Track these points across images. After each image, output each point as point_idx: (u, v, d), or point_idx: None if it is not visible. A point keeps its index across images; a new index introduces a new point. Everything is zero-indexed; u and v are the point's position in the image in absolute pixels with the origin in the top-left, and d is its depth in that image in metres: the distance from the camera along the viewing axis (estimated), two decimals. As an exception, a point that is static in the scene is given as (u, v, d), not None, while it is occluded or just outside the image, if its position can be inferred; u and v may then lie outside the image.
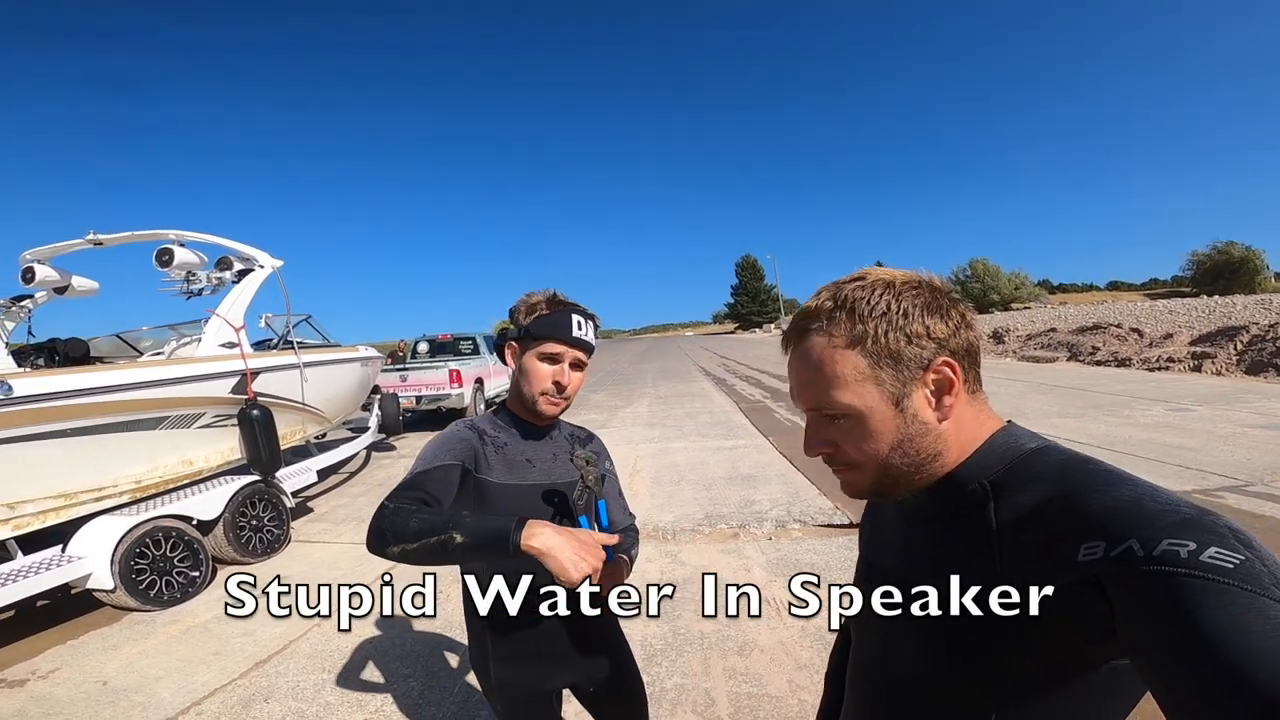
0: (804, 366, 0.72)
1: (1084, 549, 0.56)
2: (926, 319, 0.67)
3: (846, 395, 0.68)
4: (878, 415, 0.68)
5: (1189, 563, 0.49)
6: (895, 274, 0.71)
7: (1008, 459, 0.68)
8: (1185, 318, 24.07)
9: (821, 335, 0.70)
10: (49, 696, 2.99)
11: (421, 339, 13.70)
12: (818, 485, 5.67)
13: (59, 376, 3.63)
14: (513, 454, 1.41)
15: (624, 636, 1.59)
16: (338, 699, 2.81)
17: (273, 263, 5.58)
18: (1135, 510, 0.55)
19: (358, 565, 4.51)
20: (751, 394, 13.10)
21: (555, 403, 1.40)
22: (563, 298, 1.44)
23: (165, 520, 4.06)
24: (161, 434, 4.23)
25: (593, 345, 1.43)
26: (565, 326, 1.37)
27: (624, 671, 1.55)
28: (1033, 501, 0.63)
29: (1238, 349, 11.61)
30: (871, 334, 0.67)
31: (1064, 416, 7.91)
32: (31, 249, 5.04)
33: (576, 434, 1.56)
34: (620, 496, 1.61)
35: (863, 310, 0.67)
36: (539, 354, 1.38)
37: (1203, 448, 5.86)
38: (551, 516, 1.37)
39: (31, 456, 3.46)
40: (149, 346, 5.61)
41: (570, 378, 1.40)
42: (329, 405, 6.30)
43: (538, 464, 1.43)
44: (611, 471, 1.58)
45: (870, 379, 0.67)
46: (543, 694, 1.46)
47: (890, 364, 0.67)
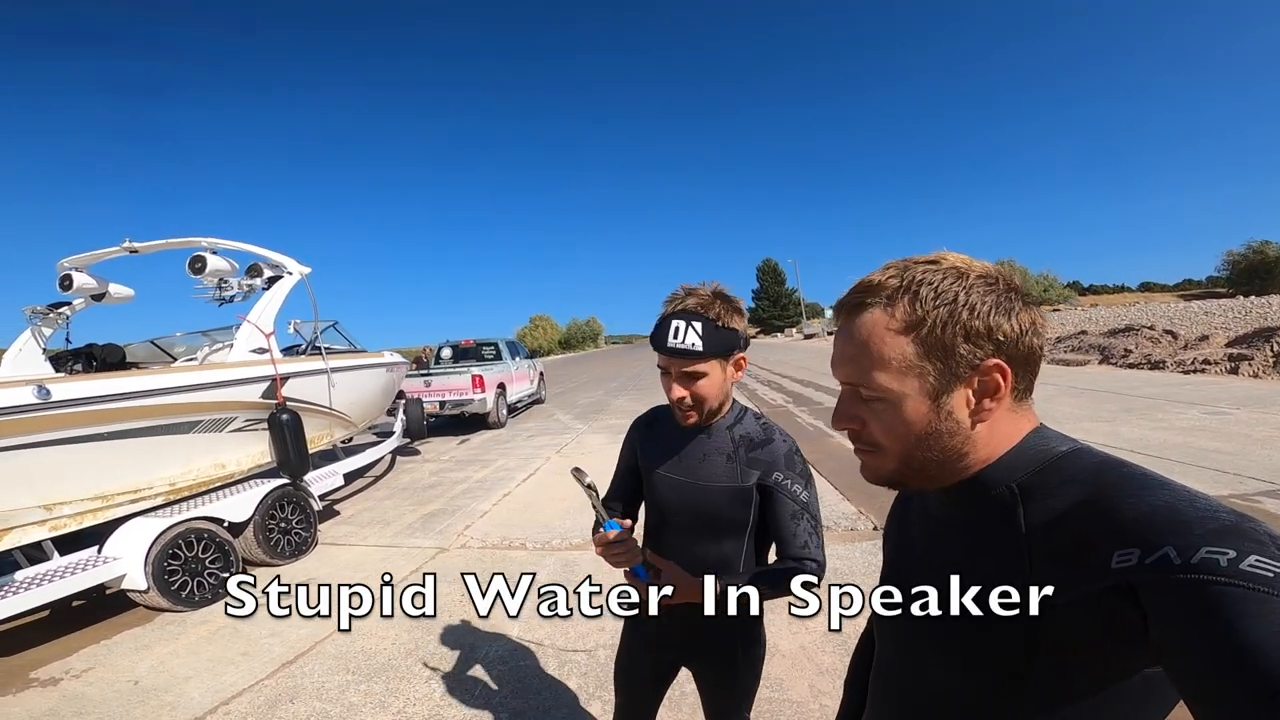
0: (851, 341, 0.70)
1: (1118, 556, 0.54)
2: (992, 318, 0.64)
3: (886, 379, 0.67)
4: (911, 405, 0.67)
5: (1228, 571, 0.48)
6: (973, 264, 0.67)
7: (1038, 462, 0.66)
8: (1221, 319, 23.41)
9: (879, 312, 0.67)
10: (81, 695, 3.06)
11: (445, 344, 13.84)
12: (841, 491, 5.61)
13: (96, 381, 3.73)
14: (670, 446, 1.49)
15: (739, 626, 1.49)
16: (361, 700, 2.85)
17: (301, 270, 5.70)
18: (1172, 516, 0.53)
19: (382, 567, 4.56)
20: (773, 399, 13.01)
21: (686, 415, 1.38)
22: (681, 295, 1.34)
23: (198, 522, 4.16)
24: (195, 437, 4.34)
25: (694, 351, 1.29)
26: (661, 336, 1.31)
27: (714, 659, 1.53)
28: (1064, 505, 0.61)
29: (1275, 350, 11.24)
30: (929, 324, 0.64)
31: (1096, 420, 7.73)
32: (69, 256, 5.20)
33: (751, 435, 1.43)
34: (792, 520, 1.36)
35: (927, 296, 0.65)
36: (659, 366, 1.38)
37: (1240, 451, 5.69)
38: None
39: (69, 459, 3.56)
40: (183, 352, 5.76)
41: (677, 390, 1.34)
42: (355, 410, 6.40)
43: (684, 459, 1.46)
44: (786, 486, 1.38)
45: (915, 369, 0.66)
46: (639, 664, 1.62)
47: (940, 358, 0.65)
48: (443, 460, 8.88)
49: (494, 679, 2.95)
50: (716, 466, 1.41)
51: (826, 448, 7.51)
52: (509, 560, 4.53)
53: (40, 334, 4.92)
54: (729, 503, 1.39)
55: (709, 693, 1.57)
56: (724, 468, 1.40)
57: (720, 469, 1.40)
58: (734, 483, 1.39)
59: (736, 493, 1.39)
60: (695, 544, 1.44)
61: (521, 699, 2.78)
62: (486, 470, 7.89)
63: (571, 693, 2.80)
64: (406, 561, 4.64)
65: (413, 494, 6.94)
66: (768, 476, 1.38)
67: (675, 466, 1.46)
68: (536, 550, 4.73)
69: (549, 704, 2.73)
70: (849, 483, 5.82)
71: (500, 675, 2.98)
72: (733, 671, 1.51)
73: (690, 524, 1.45)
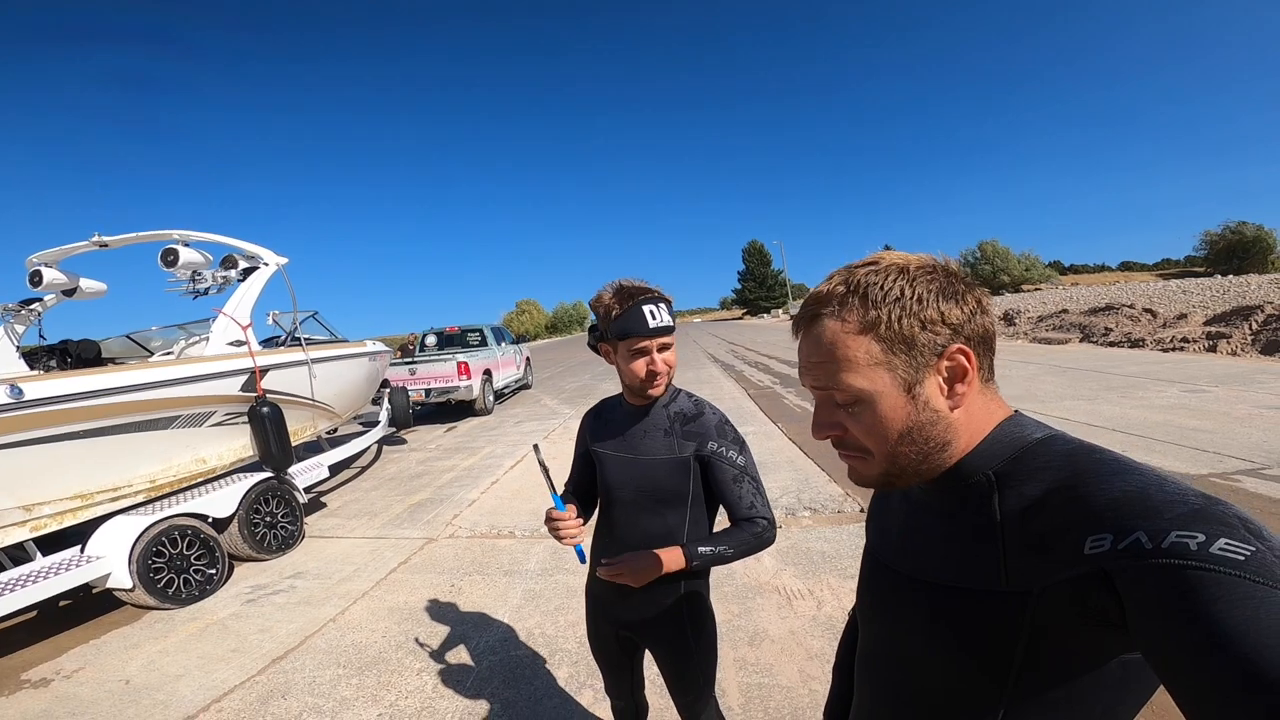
0: (815, 350, 0.71)
1: (1091, 541, 0.55)
2: (941, 304, 0.66)
3: (858, 379, 0.67)
4: (889, 401, 0.67)
5: (1198, 555, 0.49)
6: (909, 258, 0.69)
7: (1013, 449, 0.67)
8: (1199, 297, 23.76)
9: (834, 320, 0.68)
10: (74, 696, 3.04)
11: (429, 332, 13.73)
12: (828, 472, 5.66)
13: (71, 379, 3.66)
14: (615, 428, 1.62)
15: (684, 608, 1.59)
16: (353, 694, 2.84)
17: (277, 260, 5.60)
18: (1142, 501, 0.54)
19: (371, 559, 4.55)
20: (760, 380, 13.06)
21: (659, 385, 1.52)
22: (630, 286, 1.49)
23: (181, 519, 4.11)
24: (174, 433, 4.28)
25: (671, 325, 1.48)
26: (641, 321, 1.45)
27: (665, 641, 1.62)
28: (1038, 492, 0.62)
29: (1253, 329, 11.45)
30: (885, 320, 0.66)
31: (1077, 399, 7.83)
32: (38, 252, 5.07)
33: (684, 411, 1.58)
34: (734, 484, 1.51)
35: (875, 295, 0.66)
36: (629, 350, 1.48)
37: (1219, 430, 5.78)
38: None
39: (47, 458, 3.49)
40: (159, 346, 5.66)
41: (659, 362, 1.48)
42: (339, 400, 6.34)
43: (627, 438, 1.59)
44: (722, 454, 1.52)
45: (883, 364, 0.66)
46: (605, 639, 1.73)
47: (904, 350, 0.66)
48: (429, 449, 8.84)
49: (485, 669, 2.95)
50: (656, 442, 1.54)
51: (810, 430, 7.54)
52: (498, 550, 4.53)
53: (13, 331, 4.80)
54: (668, 474, 1.53)
55: (669, 673, 1.66)
56: (662, 442, 1.54)
57: (659, 443, 1.54)
58: (672, 455, 1.53)
59: (675, 464, 1.52)
60: (640, 517, 1.56)
61: (513, 689, 2.78)
62: (474, 458, 7.86)
63: (562, 682, 2.81)
64: (395, 553, 4.61)
65: (400, 484, 6.90)
66: (704, 447, 1.52)
67: (619, 445, 1.60)
68: (525, 538, 4.72)
69: (540, 694, 2.74)
70: (835, 465, 5.86)
71: (491, 666, 2.98)
72: (685, 652, 1.61)
73: (634, 498, 1.57)
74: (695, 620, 1.60)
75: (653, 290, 1.49)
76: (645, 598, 1.57)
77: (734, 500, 1.50)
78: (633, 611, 1.61)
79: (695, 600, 1.61)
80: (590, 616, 1.78)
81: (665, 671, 1.66)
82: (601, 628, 1.74)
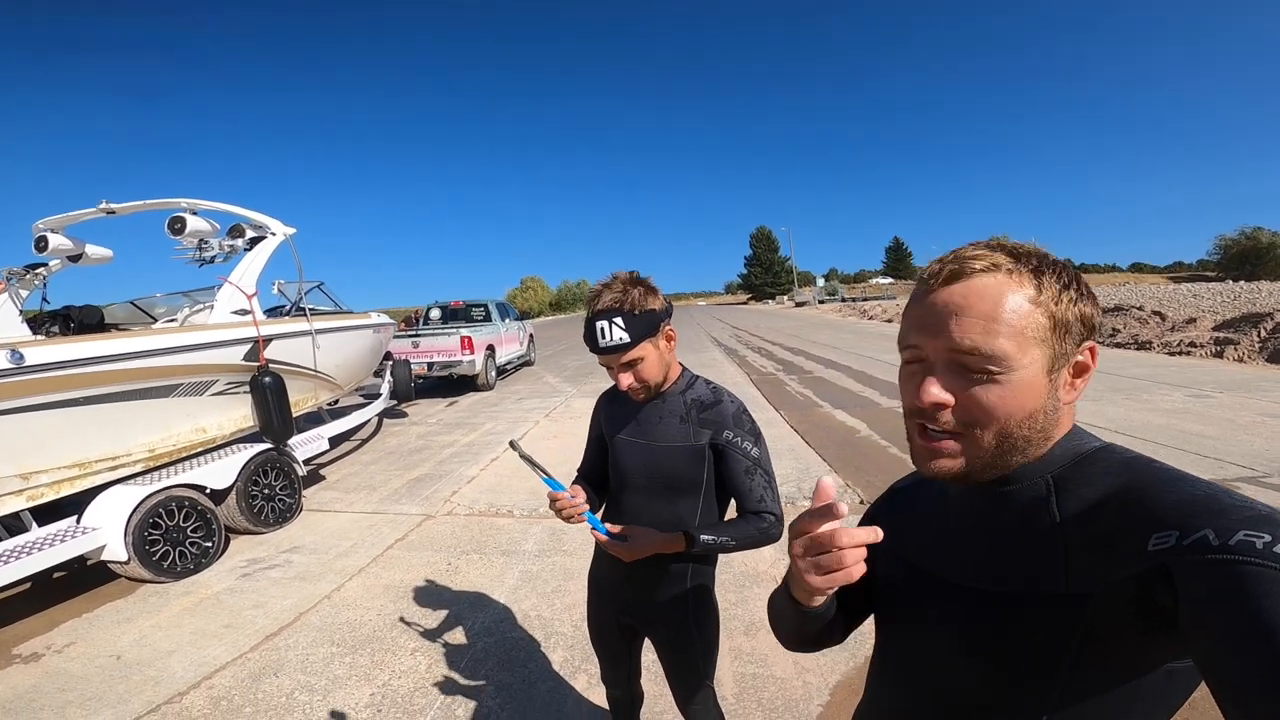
0: (979, 300, 0.64)
1: (1155, 538, 0.56)
2: (1087, 302, 0.66)
3: (1013, 347, 0.63)
4: (1029, 377, 0.64)
5: (1264, 553, 0.50)
6: (1046, 252, 0.69)
7: (1071, 455, 0.68)
8: (1209, 302, 23.60)
9: (1006, 278, 0.64)
10: (64, 671, 3.02)
11: (434, 305, 13.69)
12: (829, 462, 5.65)
13: (73, 345, 3.62)
14: (630, 413, 1.60)
15: (690, 598, 1.58)
16: (346, 672, 2.85)
17: (285, 230, 5.55)
18: (1212, 504, 0.56)
19: (368, 534, 4.55)
20: (763, 365, 13.03)
21: (638, 396, 1.51)
22: (594, 292, 1.45)
23: (178, 490, 4.10)
24: (175, 401, 4.25)
25: (623, 344, 1.40)
26: (591, 340, 1.43)
27: (668, 628, 1.61)
28: (1098, 495, 0.63)
29: (1261, 336, 11.32)
30: (1056, 298, 0.64)
31: (1082, 400, 7.68)
32: (44, 218, 5.02)
33: (702, 398, 1.54)
34: (746, 476, 1.47)
35: (1048, 273, 0.65)
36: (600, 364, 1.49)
37: (1222, 436, 5.74)
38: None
39: (46, 426, 3.47)
40: (163, 313, 5.62)
41: (624, 381, 1.46)
42: (341, 372, 6.32)
43: (642, 424, 1.57)
44: (737, 444, 1.48)
45: (1041, 341, 0.64)
46: (606, 623, 1.73)
47: (1063, 334, 0.65)
48: (430, 423, 8.84)
49: (480, 651, 2.96)
50: (671, 428, 1.52)
51: (814, 417, 7.54)
52: (496, 529, 4.53)
53: (17, 296, 4.78)
54: (683, 462, 1.50)
55: (669, 661, 1.65)
56: (677, 429, 1.51)
57: (674, 430, 1.51)
58: (687, 442, 1.50)
59: (690, 452, 1.49)
60: (653, 504, 1.54)
61: (507, 671, 2.79)
62: (475, 434, 7.86)
63: (557, 665, 2.82)
64: (392, 529, 4.62)
65: (399, 458, 6.91)
66: (719, 435, 1.48)
67: (634, 430, 1.57)
68: (523, 518, 4.73)
69: (534, 676, 2.74)
70: (836, 454, 5.86)
71: (486, 647, 2.98)
72: (686, 641, 1.59)
73: (647, 484, 1.54)
74: (699, 611, 1.59)
75: (611, 301, 1.40)
76: (652, 581, 1.56)
77: (744, 492, 1.47)
78: (638, 594, 1.60)
79: (701, 593, 1.60)
80: (592, 603, 1.77)
81: (664, 659, 1.66)
82: (603, 614, 1.73)
